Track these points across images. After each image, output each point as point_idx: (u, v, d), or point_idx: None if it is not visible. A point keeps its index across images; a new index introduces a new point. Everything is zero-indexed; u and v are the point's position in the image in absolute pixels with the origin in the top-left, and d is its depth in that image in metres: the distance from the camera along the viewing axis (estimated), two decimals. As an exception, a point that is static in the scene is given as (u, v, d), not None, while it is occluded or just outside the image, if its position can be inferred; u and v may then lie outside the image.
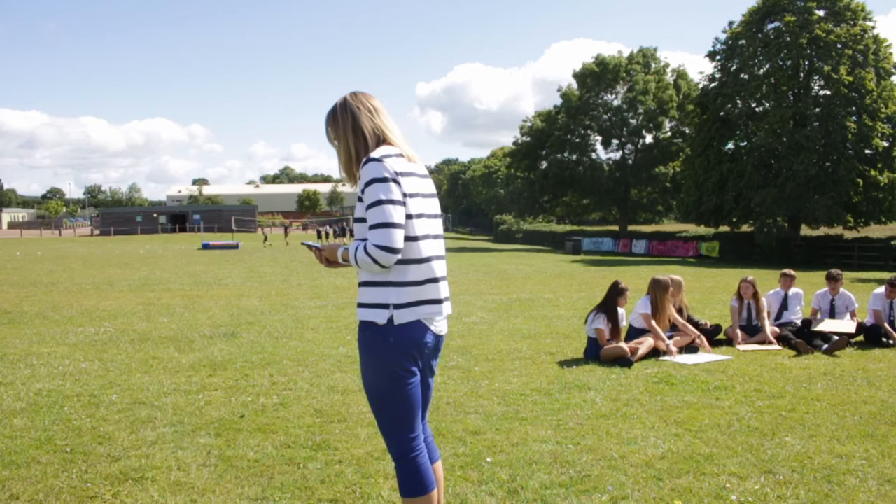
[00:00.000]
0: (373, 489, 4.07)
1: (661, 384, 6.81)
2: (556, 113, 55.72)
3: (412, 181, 2.92)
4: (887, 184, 35.21)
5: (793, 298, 9.97)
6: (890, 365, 7.95)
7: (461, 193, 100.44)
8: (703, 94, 41.40)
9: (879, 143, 35.02)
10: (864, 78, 34.91)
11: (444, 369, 7.40)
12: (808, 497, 4.01)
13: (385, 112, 3.08)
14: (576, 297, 15.28)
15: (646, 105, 52.60)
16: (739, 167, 37.21)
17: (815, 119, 35.69)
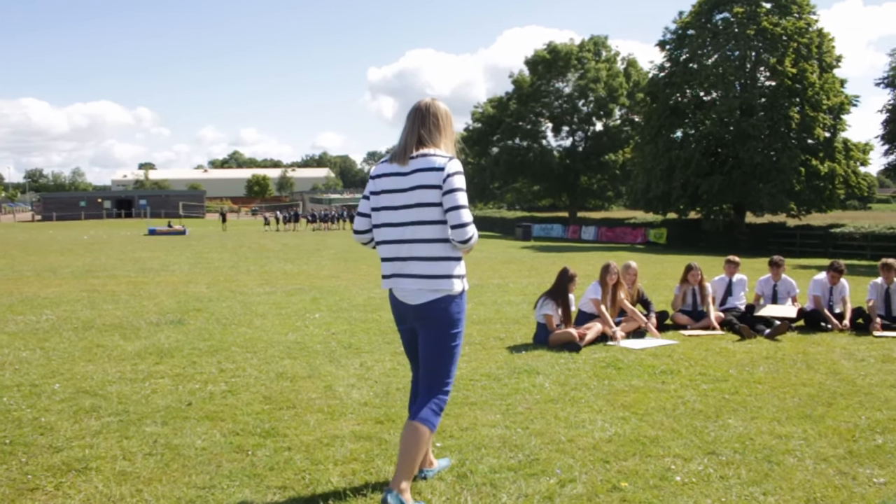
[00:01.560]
0: (322, 476, 4.06)
1: (609, 369, 6.91)
2: (507, 99, 55.95)
3: (383, 181, 3.74)
4: (828, 173, 36.13)
5: (737, 284, 10.20)
6: (828, 348, 8.18)
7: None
8: (653, 83, 41.93)
9: (821, 134, 35.91)
10: (808, 70, 35.73)
11: (394, 355, 7.41)
12: (749, 477, 4.12)
13: (410, 117, 3.81)
14: (525, 283, 15.40)
15: (596, 93, 53.12)
16: (687, 155, 37.81)
17: (761, 109, 36.46)
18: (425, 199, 3.62)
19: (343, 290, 13.58)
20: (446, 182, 3.60)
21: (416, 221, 3.65)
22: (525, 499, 3.78)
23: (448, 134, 3.81)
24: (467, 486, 3.94)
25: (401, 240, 3.69)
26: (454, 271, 3.68)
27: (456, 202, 3.59)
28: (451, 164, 3.64)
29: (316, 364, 6.97)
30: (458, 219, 3.59)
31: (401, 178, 3.67)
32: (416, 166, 3.64)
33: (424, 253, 3.66)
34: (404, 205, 3.66)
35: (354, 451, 4.45)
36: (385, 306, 11.12)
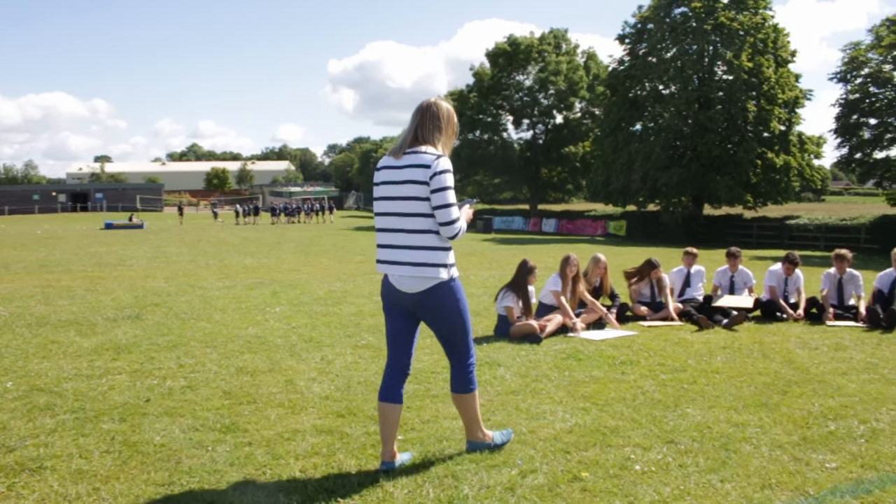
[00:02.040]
0: (283, 470, 4.04)
1: (570, 360, 6.97)
2: (468, 92, 55.92)
3: (383, 173, 4.08)
4: (783, 166, 36.80)
5: (695, 276, 10.34)
6: (783, 338, 8.34)
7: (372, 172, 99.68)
8: (613, 76, 42.31)
9: (776, 127, 36.54)
10: (764, 65, 36.31)
11: (355, 348, 7.40)
12: (706, 465, 4.18)
13: (413, 115, 4.11)
14: (486, 276, 15.44)
15: (557, 86, 53.32)
16: (647, 148, 38.21)
17: (719, 102, 36.99)
18: (414, 193, 3.92)
19: (304, 283, 13.50)
20: (433, 180, 3.88)
21: (407, 213, 3.95)
22: (487, 490, 3.80)
23: (447, 132, 4.09)
24: (429, 478, 3.94)
25: (394, 228, 4.00)
26: (442, 260, 3.97)
27: (443, 200, 3.88)
28: (439, 163, 3.89)
29: (276, 358, 6.93)
30: (447, 216, 3.90)
31: (395, 171, 3.99)
32: (408, 162, 3.95)
33: (414, 242, 3.95)
34: (397, 196, 3.98)
35: (316, 446, 4.44)
36: (346, 300, 11.09)
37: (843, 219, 33.42)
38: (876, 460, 4.30)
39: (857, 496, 3.77)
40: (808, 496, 3.78)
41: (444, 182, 3.89)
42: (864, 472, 4.13)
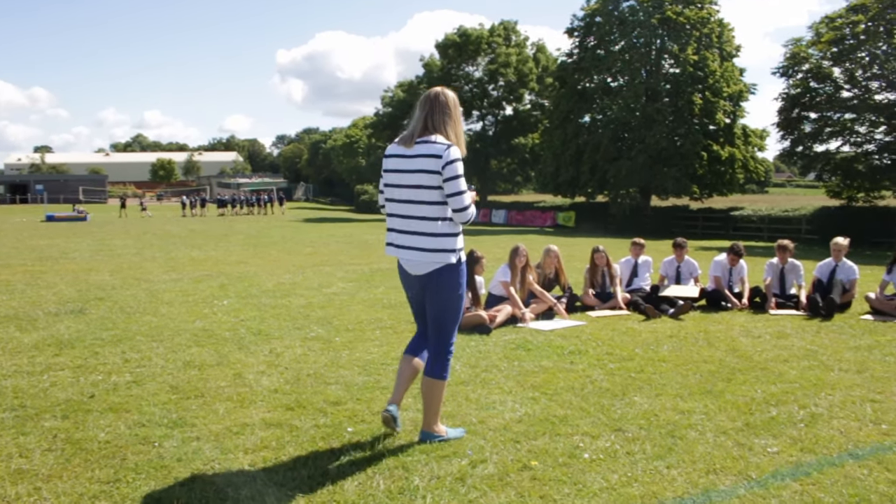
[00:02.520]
0: (232, 464, 4.00)
1: (519, 350, 7.02)
2: (418, 83, 55.81)
3: (393, 161, 4.24)
4: (728, 158, 37.54)
5: (642, 266, 10.49)
6: (728, 327, 8.52)
7: (322, 163, 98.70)
8: (562, 69, 42.62)
9: (722, 120, 37.25)
10: (709, 59, 36.96)
11: (305, 340, 7.35)
12: (653, 451, 4.26)
13: (420, 104, 4.27)
14: (437, 267, 15.43)
15: (506, 77, 53.53)
16: (595, 140, 38.60)
17: (666, 95, 37.53)
18: (425, 182, 4.10)
19: (252, 275, 13.35)
20: (445, 170, 4.05)
21: (419, 201, 4.13)
22: (437, 480, 3.81)
23: (454, 121, 4.25)
24: (380, 469, 3.94)
25: (405, 215, 4.20)
26: (451, 246, 4.18)
27: (457, 188, 4.09)
28: (450, 152, 4.07)
29: (224, 351, 6.84)
30: (460, 203, 4.12)
31: (406, 160, 4.16)
32: (419, 151, 4.12)
33: (425, 229, 4.15)
34: (408, 184, 4.15)
35: (265, 439, 4.40)
36: (295, 292, 11.01)
37: (786, 210, 34.23)
38: (815, 444, 4.42)
39: (797, 479, 3.88)
40: (750, 480, 3.87)
41: (456, 171, 4.08)
42: (803, 455, 4.24)
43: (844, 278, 9.91)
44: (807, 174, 38.98)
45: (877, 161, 30.70)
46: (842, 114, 31.22)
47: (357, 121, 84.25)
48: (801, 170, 39.00)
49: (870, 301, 9.65)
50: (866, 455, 4.25)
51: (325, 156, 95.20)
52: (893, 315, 9.28)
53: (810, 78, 31.58)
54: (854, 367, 6.48)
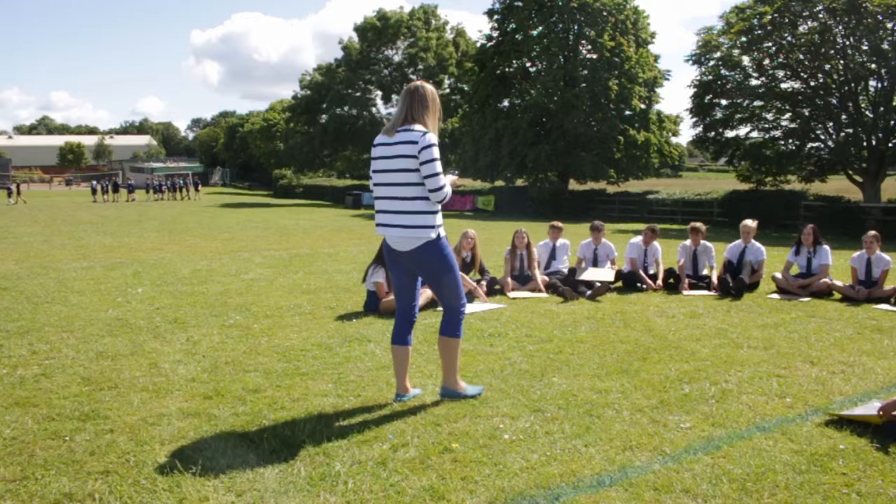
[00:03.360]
0: (148, 456, 3.90)
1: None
2: (336, 67, 55.20)
3: (378, 149, 4.71)
4: (643, 142, 38.37)
5: (560, 249, 10.66)
6: (643, 307, 8.73)
7: (239, 147, 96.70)
8: (481, 53, 42.69)
9: (637, 105, 38.02)
10: (625, 45, 37.62)
11: (222, 328, 7.22)
12: (572, 431, 4.34)
13: (402, 96, 4.70)
14: (356, 252, 15.39)
15: (426, 62, 53.41)
16: (514, 124, 38.86)
17: (583, 81, 38.02)
18: (405, 166, 4.56)
19: (167, 262, 13.03)
20: (422, 153, 4.52)
21: (400, 183, 4.60)
22: (358, 465, 3.80)
23: (433, 111, 4.69)
24: (300, 456, 3.91)
25: (390, 197, 4.66)
26: (430, 223, 4.63)
27: (432, 170, 4.54)
28: (426, 138, 4.54)
29: (139, 341, 6.67)
30: (435, 184, 4.56)
31: (388, 147, 4.63)
32: (400, 139, 4.58)
33: (406, 208, 4.60)
34: (391, 169, 4.62)
35: (182, 430, 4.31)
36: (212, 278, 10.80)
37: (698, 194, 35.22)
38: (725, 419, 4.58)
39: (709, 452, 4.01)
40: (665, 455, 3.98)
41: (431, 154, 4.54)
42: (714, 430, 4.39)
43: (753, 259, 10.27)
44: (718, 159, 40.16)
45: (783, 147, 31.87)
46: (751, 101, 32.26)
47: (275, 104, 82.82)
48: (713, 155, 40.14)
49: (776, 281, 10.04)
50: (772, 427, 4.43)
51: (242, 140, 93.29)
52: (798, 294, 9.67)
53: (721, 66, 32.50)
54: (761, 345, 6.74)
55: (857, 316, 8.31)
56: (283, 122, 66.58)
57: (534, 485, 3.59)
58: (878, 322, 7.94)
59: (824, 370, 5.84)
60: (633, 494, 3.49)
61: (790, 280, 9.93)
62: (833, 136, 30.97)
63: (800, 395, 5.11)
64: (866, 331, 7.46)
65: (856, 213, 25.94)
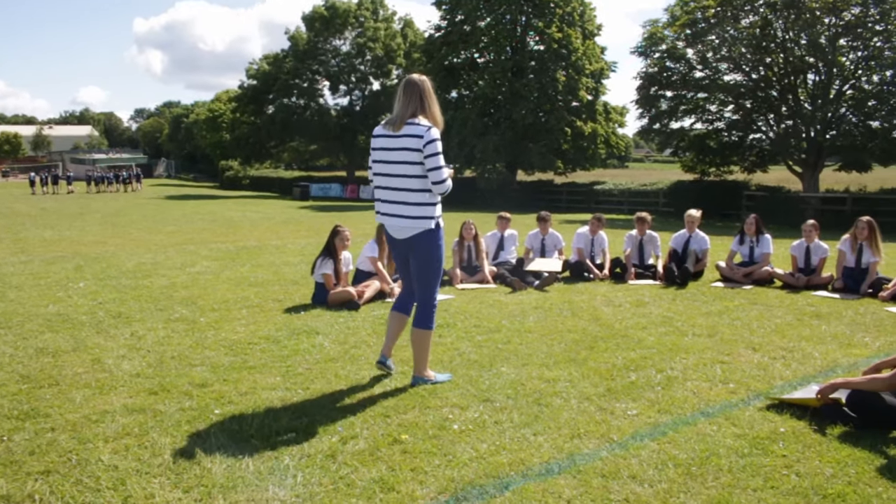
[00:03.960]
0: (91, 454, 3.82)
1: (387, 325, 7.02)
2: (283, 56, 54.56)
3: (380, 141, 4.90)
4: (590, 134, 38.79)
5: (508, 239, 10.71)
6: (590, 297, 8.82)
7: (184, 138, 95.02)
8: (430, 43, 42.62)
9: (584, 97, 38.41)
10: (572, 36, 37.90)
11: (168, 322, 7.10)
12: (520, 420, 4.37)
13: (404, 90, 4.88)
14: (304, 244, 15.26)
15: (374, 52, 53.11)
16: (463, 115, 38.90)
17: (531, 72, 38.23)
18: (409, 158, 4.76)
19: (111, 256, 12.76)
20: (426, 147, 4.71)
21: (403, 175, 4.80)
22: (308, 459, 3.78)
23: (433, 104, 4.91)
24: (248, 451, 3.87)
25: (391, 187, 4.87)
26: (430, 214, 4.87)
27: (436, 164, 4.74)
28: (430, 133, 4.74)
29: (81, 336, 6.52)
30: (439, 177, 4.77)
31: (392, 139, 4.81)
32: (404, 132, 4.75)
33: (408, 199, 4.82)
34: (394, 161, 4.81)
35: (127, 426, 4.23)
36: (157, 272, 10.62)
37: (644, 184, 35.75)
38: (671, 405, 4.66)
39: (655, 438, 4.08)
40: (612, 442, 4.04)
41: (435, 149, 4.74)
42: (660, 416, 4.46)
43: (697, 248, 10.45)
44: (664, 150, 40.81)
45: (726, 138, 32.51)
46: (695, 93, 32.83)
47: (220, 94, 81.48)
48: (659, 146, 40.78)
49: (720, 269, 10.23)
50: (716, 413, 4.52)
51: (187, 130, 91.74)
52: (741, 282, 9.88)
53: (666, 58, 32.97)
54: (706, 332, 6.87)
55: (796, 303, 8.52)
56: (229, 113, 65.58)
57: (483, 474, 3.61)
58: (817, 308, 8.16)
59: (766, 356, 5.98)
60: (581, 481, 3.53)
61: (733, 268, 10.13)
62: (774, 127, 31.68)
63: (742, 381, 5.23)
64: (805, 317, 7.65)
65: (796, 203, 26.60)
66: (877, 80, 28.91)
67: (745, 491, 3.45)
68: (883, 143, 28.25)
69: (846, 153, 29.68)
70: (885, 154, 28.78)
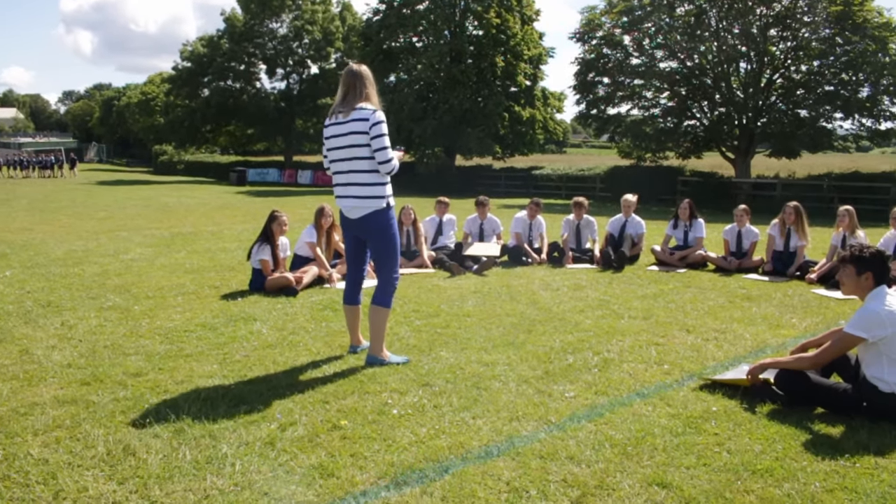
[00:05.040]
0: (19, 449, 3.71)
1: (326, 311, 7.00)
2: (218, 38, 53.42)
3: (331, 128, 5.15)
4: (528, 119, 39.00)
5: (446, 224, 10.73)
6: (528, 281, 8.91)
7: (116, 122, 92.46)
8: (368, 27, 42.19)
9: (523, 82, 38.56)
10: (510, 21, 37.98)
11: (100, 310, 6.93)
12: (460, 403, 4.39)
13: (347, 79, 5.15)
14: (240, 229, 15.06)
15: (312, 35, 52.39)
16: (401, 100, 38.68)
17: (469, 57, 38.20)
18: (357, 142, 5.02)
19: (39, 243, 12.38)
20: (372, 129, 4.98)
21: (353, 158, 5.06)
22: (246, 447, 3.74)
23: (373, 90, 5.17)
24: (185, 440, 3.81)
25: (345, 171, 5.12)
26: (381, 193, 5.10)
27: (381, 144, 5.00)
28: (376, 115, 5.01)
29: (8, 327, 6.31)
30: (385, 156, 5.01)
31: (341, 125, 5.08)
32: (351, 117, 5.03)
33: (359, 180, 5.09)
34: (344, 146, 5.07)
35: (58, 418, 4.12)
36: (88, 259, 10.36)
37: (582, 169, 36.13)
38: (607, 387, 4.74)
39: (592, 420, 4.15)
40: (550, 424, 4.09)
41: (381, 130, 4.99)
42: (597, 398, 4.54)
43: (633, 232, 10.64)
44: (601, 135, 41.35)
45: (662, 124, 33.04)
46: (631, 79, 33.26)
47: (153, 77, 79.61)
48: (596, 131, 41.34)
49: (655, 253, 10.44)
50: (651, 393, 4.62)
51: (119, 114, 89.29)
52: (675, 266, 10.09)
53: (603, 45, 33.34)
54: (641, 315, 7.00)
55: (728, 285, 8.74)
56: (162, 96, 64.11)
57: (423, 458, 3.63)
58: (748, 291, 8.39)
59: (699, 337, 6.13)
60: (520, 463, 3.57)
61: (668, 252, 10.34)
62: (708, 114, 32.34)
63: (676, 362, 5.35)
64: (737, 299, 7.86)
65: (728, 188, 27.23)
66: (805, 70, 29.77)
67: (678, 469, 3.54)
68: (810, 130, 29.19)
69: (776, 140, 30.50)
70: (812, 141, 29.75)
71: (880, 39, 26.79)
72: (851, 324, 4.26)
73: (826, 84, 29.05)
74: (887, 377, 4.17)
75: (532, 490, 3.31)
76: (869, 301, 4.28)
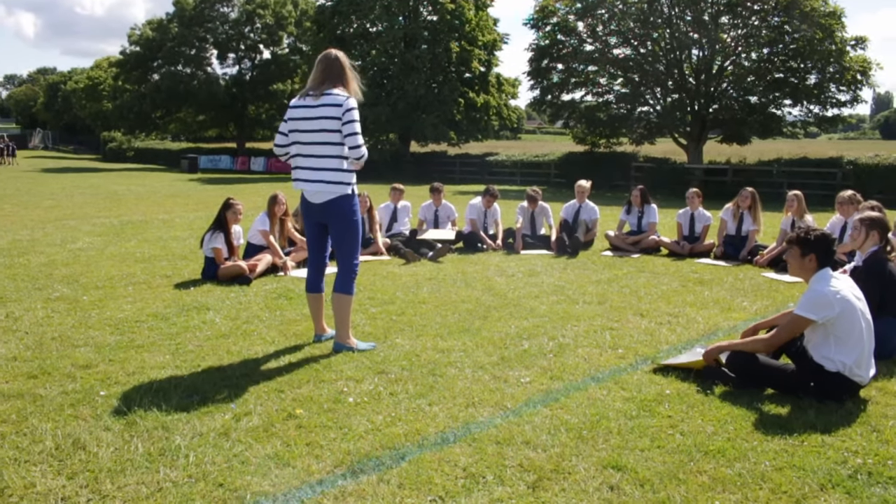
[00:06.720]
0: (-37, 441, 3.62)
1: (281, 299, 6.93)
2: (168, 22, 52.37)
3: (298, 111, 5.09)
4: (483, 105, 38.99)
5: (401, 211, 10.70)
6: (484, 267, 8.93)
7: (62, 107, 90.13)
8: (320, 12, 41.74)
9: (477, 68, 38.51)
10: (465, 7, 37.88)
11: (47, 301, 6.77)
12: (416, 390, 4.39)
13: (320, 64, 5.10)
14: (192, 217, 14.83)
15: (264, 20, 51.63)
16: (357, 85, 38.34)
17: (424, 42, 38.01)
18: (328, 127, 4.98)
19: (-17, 232, 12.06)
20: (345, 115, 4.96)
21: (322, 142, 5.02)
22: (200, 438, 3.69)
23: (350, 76, 5.12)
24: (137, 432, 3.75)
25: (310, 154, 5.09)
26: (347, 179, 5.13)
27: (353, 130, 4.98)
28: (348, 102, 4.99)
29: (-49, 318, 6.15)
30: (355, 142, 5.01)
31: (310, 109, 5.02)
32: (322, 102, 4.99)
33: (326, 165, 5.05)
34: (313, 129, 5.02)
35: (4, 412, 4.01)
36: (34, 249, 10.11)
37: (536, 156, 36.26)
38: (562, 372, 4.78)
39: (548, 404, 4.18)
40: (506, 409, 4.11)
41: (353, 116, 4.98)
42: (552, 383, 4.57)
43: (587, 218, 10.72)
44: (555, 122, 41.43)
45: (615, 110, 33.28)
46: (585, 66, 33.41)
47: (100, 61, 77.64)
48: (550, 118, 41.37)
49: (609, 239, 10.54)
50: (605, 378, 4.67)
51: (65, 99, 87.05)
52: (629, 251, 10.20)
53: (557, 31, 33.39)
54: (596, 300, 7.06)
55: (681, 270, 8.87)
56: (110, 80, 62.69)
57: (379, 446, 3.62)
58: (700, 275, 8.51)
59: (653, 322, 6.21)
60: (476, 449, 3.58)
61: (622, 237, 10.44)
62: (661, 101, 32.64)
63: (630, 346, 5.41)
64: (690, 283, 7.98)
65: (681, 174, 27.53)
66: (755, 58, 30.18)
67: (633, 451, 3.58)
68: (760, 117, 29.68)
69: (727, 126, 30.96)
70: (762, 128, 30.28)
71: (826, 28, 27.29)
72: (800, 306, 4.36)
73: (775, 71, 29.49)
74: (834, 356, 4.27)
75: (489, 475, 3.33)
76: (813, 283, 4.38)
